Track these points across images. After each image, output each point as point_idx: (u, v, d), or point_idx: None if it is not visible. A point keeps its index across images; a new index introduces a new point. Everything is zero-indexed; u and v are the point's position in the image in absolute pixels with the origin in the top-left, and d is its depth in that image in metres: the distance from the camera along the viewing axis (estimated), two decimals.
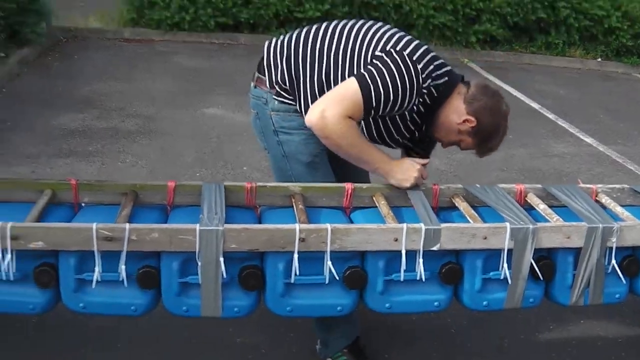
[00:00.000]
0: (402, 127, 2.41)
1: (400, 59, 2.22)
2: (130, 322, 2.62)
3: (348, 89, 2.21)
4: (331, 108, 2.17)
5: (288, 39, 2.45)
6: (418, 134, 2.49)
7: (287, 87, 2.39)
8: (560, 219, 2.27)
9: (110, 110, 5.79)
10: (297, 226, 2.05)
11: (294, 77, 2.37)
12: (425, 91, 2.31)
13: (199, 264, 2.03)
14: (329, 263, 2.08)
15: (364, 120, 2.37)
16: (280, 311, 2.15)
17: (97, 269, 2.03)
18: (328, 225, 2.06)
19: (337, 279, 2.12)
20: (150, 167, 4.66)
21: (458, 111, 2.36)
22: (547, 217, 2.33)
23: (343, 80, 2.28)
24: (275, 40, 2.49)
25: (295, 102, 2.39)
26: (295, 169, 2.46)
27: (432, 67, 2.29)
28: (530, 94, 7.88)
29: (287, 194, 2.40)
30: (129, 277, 2.05)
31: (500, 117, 2.40)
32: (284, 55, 2.40)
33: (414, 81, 2.22)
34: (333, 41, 2.35)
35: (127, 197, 2.29)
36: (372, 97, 2.19)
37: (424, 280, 2.15)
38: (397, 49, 2.25)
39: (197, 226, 2.01)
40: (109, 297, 2.08)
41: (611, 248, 2.23)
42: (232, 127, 5.60)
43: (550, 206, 2.43)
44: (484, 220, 2.25)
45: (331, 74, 2.32)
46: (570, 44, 10.11)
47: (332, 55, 2.33)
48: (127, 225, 2.00)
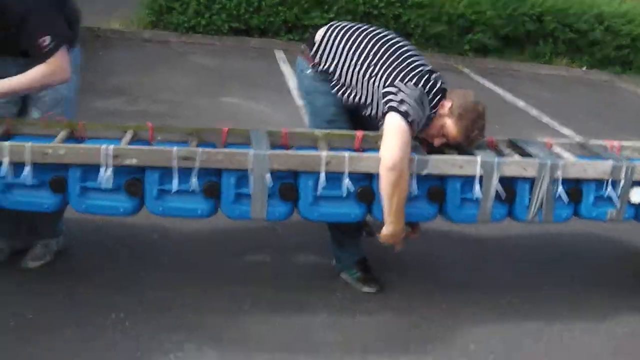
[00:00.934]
0: None
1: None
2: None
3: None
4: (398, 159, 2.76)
5: (336, 33, 3.14)
6: None
7: (325, 67, 3.10)
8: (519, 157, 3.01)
9: (138, 97, 6.49)
10: (324, 152, 2.78)
11: (335, 64, 3.08)
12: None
13: (251, 178, 2.75)
14: (347, 181, 2.81)
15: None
16: (310, 216, 2.88)
17: (175, 181, 2.75)
18: (346, 153, 2.79)
19: (351, 193, 2.84)
20: None
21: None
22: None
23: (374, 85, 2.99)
24: (326, 30, 3.19)
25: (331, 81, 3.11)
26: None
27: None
28: (517, 95, 8.64)
29: (313, 138, 3.12)
30: (199, 189, 2.76)
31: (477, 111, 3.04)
32: (331, 46, 3.11)
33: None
34: (370, 51, 3.05)
35: (192, 136, 3.02)
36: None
37: (419, 198, 2.88)
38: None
39: (251, 150, 2.74)
40: (182, 203, 2.81)
41: (558, 179, 2.96)
42: (248, 113, 6.32)
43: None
44: None
45: (366, 77, 3.02)
46: (557, 53, 10.88)
47: (368, 65, 3.03)
48: (200, 149, 2.72)
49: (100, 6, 10.38)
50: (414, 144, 2.92)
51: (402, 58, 3.01)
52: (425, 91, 2.92)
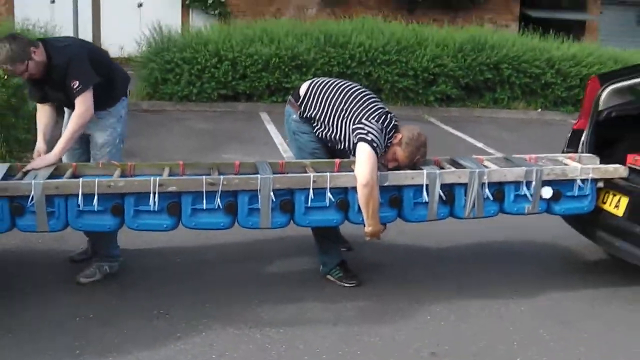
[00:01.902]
0: None
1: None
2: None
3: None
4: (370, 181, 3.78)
5: (316, 88, 4.19)
6: None
7: (308, 114, 4.17)
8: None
9: (150, 158, 7.49)
10: (311, 174, 3.82)
11: (316, 111, 4.13)
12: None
13: (259, 196, 3.77)
14: (329, 194, 3.84)
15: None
16: (303, 223, 3.90)
17: (204, 202, 3.76)
18: (327, 173, 3.84)
19: (332, 203, 3.86)
20: None
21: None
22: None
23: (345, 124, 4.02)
24: (308, 85, 4.24)
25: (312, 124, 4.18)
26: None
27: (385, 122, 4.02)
28: (477, 137, 9.77)
29: (302, 165, 4.16)
30: (221, 206, 3.78)
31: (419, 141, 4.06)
32: (312, 97, 4.17)
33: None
34: (342, 99, 4.09)
35: (213, 169, 4.05)
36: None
37: (382, 204, 3.91)
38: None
39: (259, 175, 3.77)
40: (209, 219, 3.81)
41: (484, 183, 4.00)
42: None
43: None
44: None
45: (340, 118, 4.06)
46: (514, 98, 12.08)
47: (340, 109, 4.07)
48: (221, 176, 3.75)
49: None
50: (378, 165, 3.96)
51: (367, 103, 4.08)
52: (384, 126, 3.98)
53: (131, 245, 4.74)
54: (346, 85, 4.23)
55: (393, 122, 4.08)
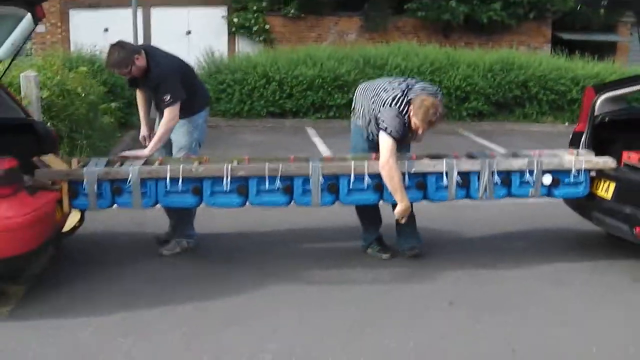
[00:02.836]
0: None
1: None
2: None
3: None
4: (390, 162, 4.70)
5: (358, 94, 5.18)
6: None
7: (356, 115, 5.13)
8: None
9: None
10: (352, 162, 4.76)
11: (359, 111, 5.10)
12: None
13: (311, 180, 4.71)
14: (367, 178, 4.76)
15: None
16: (346, 202, 4.83)
17: (266, 183, 4.71)
18: (365, 162, 4.77)
19: (370, 186, 4.79)
20: None
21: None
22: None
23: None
24: (356, 92, 5.23)
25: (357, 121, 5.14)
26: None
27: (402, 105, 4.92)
28: (508, 148, 10.55)
29: (345, 159, 5.09)
30: (279, 188, 4.73)
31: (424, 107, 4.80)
32: (356, 101, 5.17)
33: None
34: (371, 94, 5.02)
35: (271, 161, 5.00)
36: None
37: (410, 187, 4.82)
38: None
39: (310, 163, 4.72)
40: (271, 198, 4.77)
41: (494, 171, 4.88)
42: None
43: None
44: None
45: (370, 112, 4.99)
46: (542, 113, 12.92)
47: (370, 103, 4.99)
48: (280, 164, 4.71)
49: None
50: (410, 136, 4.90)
51: (385, 92, 4.91)
52: (398, 107, 4.80)
53: (207, 229, 5.75)
54: (373, 85, 5.14)
55: (406, 99, 4.84)
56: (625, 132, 5.56)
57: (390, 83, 5.04)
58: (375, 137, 4.97)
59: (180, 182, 4.69)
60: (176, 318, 4.16)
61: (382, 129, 4.78)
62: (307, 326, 4.08)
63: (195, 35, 17.89)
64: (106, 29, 17.48)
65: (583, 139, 5.61)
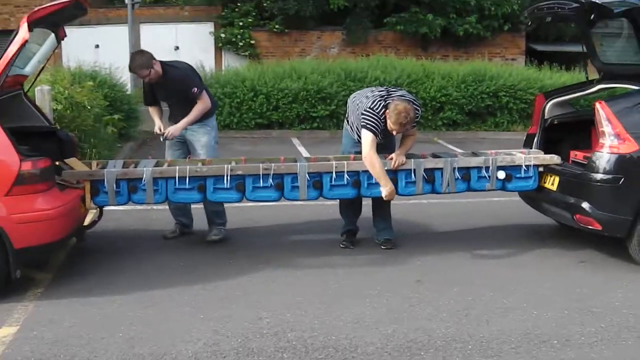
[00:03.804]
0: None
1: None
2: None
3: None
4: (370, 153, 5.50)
5: (349, 101, 6.02)
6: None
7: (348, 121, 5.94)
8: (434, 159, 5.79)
9: None
10: (333, 162, 5.57)
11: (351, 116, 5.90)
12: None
13: (298, 177, 5.51)
14: (346, 175, 5.56)
15: None
16: (328, 196, 5.63)
17: (261, 181, 5.51)
18: (345, 161, 5.58)
19: (349, 182, 5.59)
20: None
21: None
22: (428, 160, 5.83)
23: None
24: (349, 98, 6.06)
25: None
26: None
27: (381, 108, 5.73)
28: None
29: (327, 159, 5.90)
30: (272, 184, 5.53)
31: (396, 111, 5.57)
32: (348, 107, 5.99)
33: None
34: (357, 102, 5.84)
35: (265, 162, 5.79)
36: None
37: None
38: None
39: (298, 163, 5.53)
40: (264, 193, 5.56)
41: (455, 168, 5.71)
42: None
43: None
44: None
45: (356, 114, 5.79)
46: (512, 122, 13.79)
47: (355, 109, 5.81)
48: (273, 164, 5.51)
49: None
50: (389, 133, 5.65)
51: (367, 97, 5.71)
52: (377, 110, 5.56)
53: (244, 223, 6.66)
54: (360, 93, 6.00)
55: (384, 103, 5.61)
56: (572, 133, 6.40)
57: (372, 91, 5.85)
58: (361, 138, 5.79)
59: (187, 181, 5.46)
60: (186, 295, 4.93)
61: (363, 126, 5.58)
62: (295, 299, 4.86)
63: (183, 50, 18.65)
64: (97, 45, 18.21)
65: (535, 140, 6.44)
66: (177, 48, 19.04)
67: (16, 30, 4.83)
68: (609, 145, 5.38)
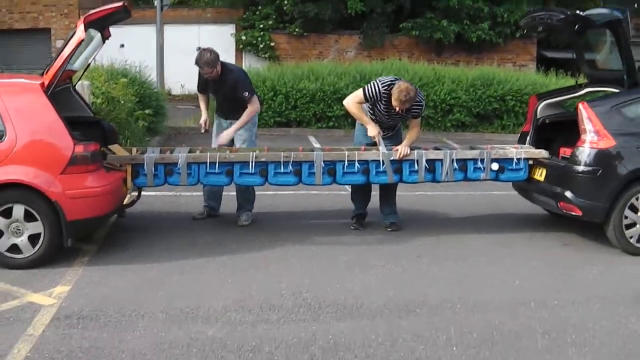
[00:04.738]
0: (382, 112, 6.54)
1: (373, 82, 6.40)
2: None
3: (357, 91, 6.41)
4: (350, 99, 6.37)
5: None
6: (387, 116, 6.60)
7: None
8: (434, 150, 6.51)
9: None
10: (346, 151, 6.30)
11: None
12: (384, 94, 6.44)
13: (315, 165, 6.25)
14: (357, 164, 6.29)
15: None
16: (341, 182, 6.36)
17: (282, 168, 6.25)
18: (356, 151, 6.31)
19: (359, 170, 6.32)
20: None
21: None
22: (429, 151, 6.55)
23: None
24: None
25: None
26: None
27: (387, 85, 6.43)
28: None
29: (341, 150, 6.63)
30: (292, 171, 6.27)
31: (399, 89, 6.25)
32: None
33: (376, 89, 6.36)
34: None
35: (286, 151, 6.53)
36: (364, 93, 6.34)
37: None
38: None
39: (315, 152, 6.27)
40: (285, 178, 6.29)
41: (453, 159, 6.42)
42: None
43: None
44: None
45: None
46: (518, 124, 14.40)
47: None
48: (292, 152, 6.25)
49: (181, 114, 14.24)
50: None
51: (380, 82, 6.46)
52: (383, 83, 6.23)
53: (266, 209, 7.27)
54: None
55: (389, 82, 6.25)
56: (563, 131, 7.09)
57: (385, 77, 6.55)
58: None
59: (216, 166, 6.20)
60: (216, 264, 5.67)
61: (363, 87, 6.34)
62: (310, 269, 5.60)
63: None
64: (122, 45, 18.96)
65: (528, 137, 7.14)
66: (199, 49, 19.60)
67: (74, 30, 5.58)
68: (590, 141, 6.07)
